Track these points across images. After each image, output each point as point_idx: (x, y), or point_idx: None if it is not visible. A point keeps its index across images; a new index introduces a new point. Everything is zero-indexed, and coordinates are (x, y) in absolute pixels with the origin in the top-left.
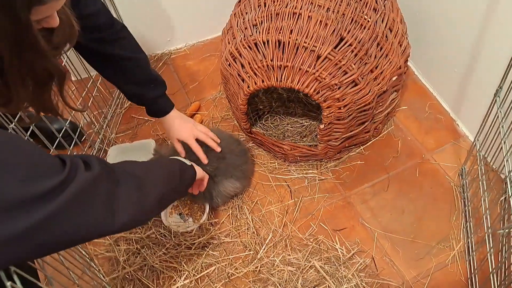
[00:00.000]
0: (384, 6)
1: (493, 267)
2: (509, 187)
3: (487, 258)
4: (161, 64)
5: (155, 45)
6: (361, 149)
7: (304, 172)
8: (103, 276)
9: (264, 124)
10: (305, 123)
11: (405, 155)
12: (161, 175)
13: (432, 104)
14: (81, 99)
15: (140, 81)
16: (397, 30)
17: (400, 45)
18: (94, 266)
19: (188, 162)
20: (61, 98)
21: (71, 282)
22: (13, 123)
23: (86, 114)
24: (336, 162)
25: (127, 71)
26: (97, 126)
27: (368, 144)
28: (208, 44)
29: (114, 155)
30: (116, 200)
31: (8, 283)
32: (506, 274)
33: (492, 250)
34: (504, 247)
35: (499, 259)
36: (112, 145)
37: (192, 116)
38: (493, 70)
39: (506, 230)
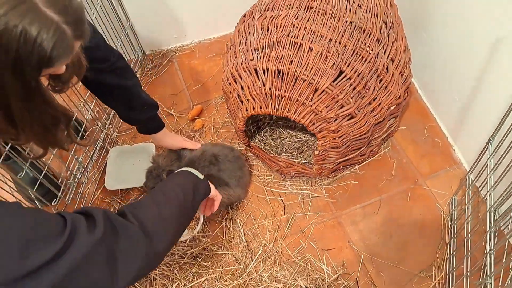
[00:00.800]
0: (388, 36)
1: None
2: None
3: None
4: (166, 61)
5: (161, 41)
6: (356, 169)
7: (299, 187)
8: None
9: (262, 136)
10: (304, 138)
11: (398, 178)
12: (175, 212)
13: (431, 126)
14: (88, 94)
15: (133, 106)
16: (399, 61)
17: (401, 75)
18: None
19: (201, 176)
20: (67, 135)
21: None
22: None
23: (90, 110)
24: (330, 179)
25: (121, 97)
26: (99, 124)
27: (363, 163)
28: (214, 43)
29: (114, 156)
30: (118, 261)
31: None
32: None
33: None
34: None
35: None
36: (114, 145)
37: (193, 120)
38: (491, 110)
39: (483, 284)
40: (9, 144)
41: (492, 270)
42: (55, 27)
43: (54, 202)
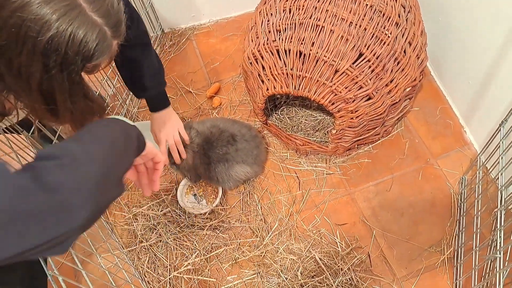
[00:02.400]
0: (407, 20)
1: (475, 284)
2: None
3: (471, 274)
4: (184, 39)
5: (179, 20)
6: (370, 148)
7: (314, 165)
8: (122, 247)
9: (279, 115)
10: (319, 117)
11: (410, 158)
12: (105, 148)
13: (443, 108)
14: (110, 71)
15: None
16: (416, 44)
17: (418, 58)
18: (114, 237)
19: (131, 122)
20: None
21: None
22: None
23: (112, 86)
24: (344, 158)
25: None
26: (120, 99)
27: (377, 143)
28: (231, 22)
29: None
30: None
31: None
32: None
33: (477, 267)
34: (488, 270)
35: (482, 278)
36: (134, 120)
37: (211, 98)
38: (505, 93)
39: (492, 259)
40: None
41: (502, 245)
42: (98, 29)
43: None
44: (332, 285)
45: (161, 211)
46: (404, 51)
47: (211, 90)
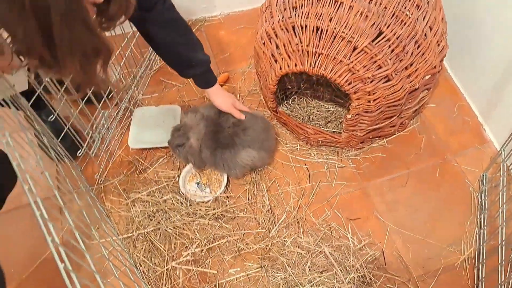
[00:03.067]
0: (428, 3)
1: (502, 279)
2: None
3: (497, 269)
4: (194, 30)
5: (191, 11)
6: (384, 142)
7: (325, 157)
8: (118, 234)
9: (290, 104)
10: (332, 109)
11: (427, 154)
12: None
13: (461, 105)
14: (113, 57)
15: (179, 63)
16: (437, 30)
17: (438, 45)
18: (110, 223)
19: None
20: (104, 72)
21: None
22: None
23: (117, 72)
24: (357, 151)
25: (166, 53)
26: (125, 85)
27: (392, 137)
28: (242, 16)
29: (138, 117)
30: None
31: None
32: None
33: (503, 262)
34: None
35: (509, 273)
36: (138, 106)
37: (223, 83)
38: None
39: None
40: (42, 86)
41: None
42: None
43: (79, 153)
44: (343, 282)
45: (161, 197)
46: (425, 35)
47: (220, 79)
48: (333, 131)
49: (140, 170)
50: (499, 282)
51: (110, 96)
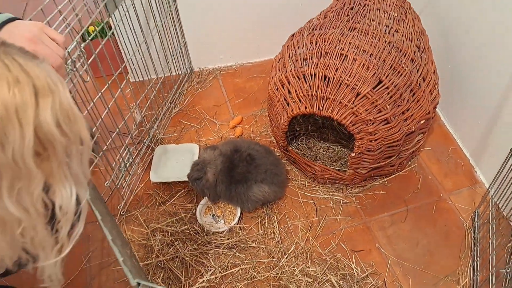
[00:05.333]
0: (421, 58)
1: None
2: None
3: None
4: (211, 78)
5: (208, 60)
6: (385, 180)
7: (330, 193)
8: (138, 261)
9: (299, 145)
10: (336, 149)
11: (424, 192)
12: None
13: (454, 149)
14: (139, 99)
15: None
16: (430, 80)
17: (431, 94)
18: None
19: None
20: None
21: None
22: None
23: (141, 113)
24: (360, 188)
25: None
26: (148, 125)
27: (391, 176)
28: (256, 66)
29: (159, 153)
30: None
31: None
32: None
33: (494, 287)
34: (506, 286)
35: None
36: (159, 144)
37: (234, 128)
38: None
39: (508, 270)
40: None
41: None
42: None
43: (106, 184)
44: None
45: (179, 227)
46: (419, 85)
47: (234, 121)
48: (339, 169)
49: (160, 203)
50: None
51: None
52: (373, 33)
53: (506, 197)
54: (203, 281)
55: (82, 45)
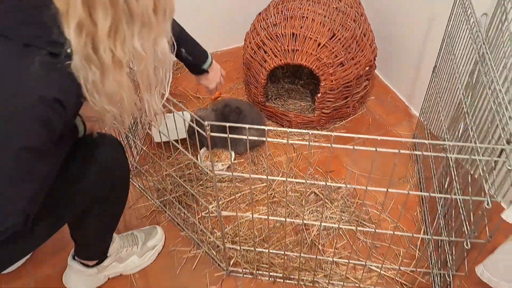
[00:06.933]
0: (360, 19)
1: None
2: None
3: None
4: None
5: None
6: (343, 123)
7: (303, 135)
8: (155, 201)
9: (273, 103)
10: (303, 104)
11: (375, 127)
12: None
13: (392, 96)
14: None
15: None
16: (369, 36)
17: (371, 46)
18: (148, 193)
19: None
20: None
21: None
22: None
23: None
24: (326, 130)
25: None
26: None
27: (348, 119)
28: (225, 53)
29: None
30: None
31: None
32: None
33: (436, 177)
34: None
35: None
36: None
37: (215, 99)
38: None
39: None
40: None
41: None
42: None
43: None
44: (331, 207)
45: (186, 172)
46: (362, 38)
47: (215, 94)
48: (308, 114)
49: (165, 158)
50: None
51: None
52: (324, 2)
53: (430, 120)
54: (212, 206)
55: None
